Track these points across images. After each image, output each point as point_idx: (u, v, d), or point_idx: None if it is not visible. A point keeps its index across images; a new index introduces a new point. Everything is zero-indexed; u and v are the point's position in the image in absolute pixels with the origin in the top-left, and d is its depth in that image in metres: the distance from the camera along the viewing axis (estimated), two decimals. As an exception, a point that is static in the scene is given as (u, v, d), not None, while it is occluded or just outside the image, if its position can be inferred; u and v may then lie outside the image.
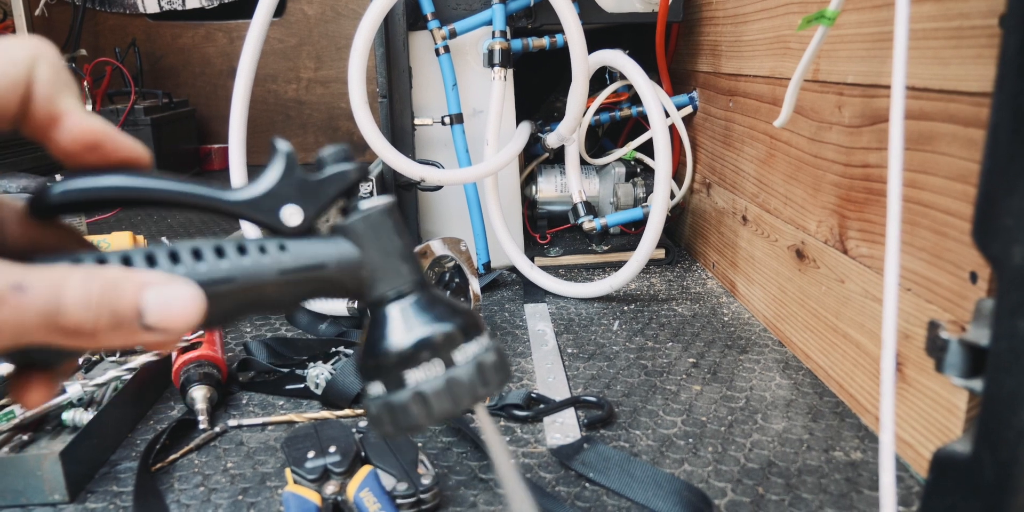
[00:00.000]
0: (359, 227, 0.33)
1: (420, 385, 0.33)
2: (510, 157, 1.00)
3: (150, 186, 0.30)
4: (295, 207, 0.32)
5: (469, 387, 0.33)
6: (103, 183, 0.29)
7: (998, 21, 0.50)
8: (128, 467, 0.65)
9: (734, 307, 1.01)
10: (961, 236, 0.55)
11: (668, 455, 0.65)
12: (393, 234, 0.34)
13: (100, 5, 2.27)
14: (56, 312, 0.25)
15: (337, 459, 0.60)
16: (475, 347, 0.34)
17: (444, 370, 0.33)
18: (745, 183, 1.01)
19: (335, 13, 2.34)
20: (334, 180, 0.33)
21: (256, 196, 0.31)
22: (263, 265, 0.30)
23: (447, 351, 0.33)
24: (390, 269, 0.33)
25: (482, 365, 0.34)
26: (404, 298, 0.34)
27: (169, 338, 0.27)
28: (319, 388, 0.75)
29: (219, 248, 0.30)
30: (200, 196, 0.30)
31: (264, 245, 0.31)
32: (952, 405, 0.56)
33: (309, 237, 0.32)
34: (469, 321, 0.34)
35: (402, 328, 0.33)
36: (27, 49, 0.27)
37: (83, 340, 0.26)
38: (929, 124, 0.59)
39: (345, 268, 0.32)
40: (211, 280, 0.29)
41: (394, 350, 0.33)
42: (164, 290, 0.27)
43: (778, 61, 0.89)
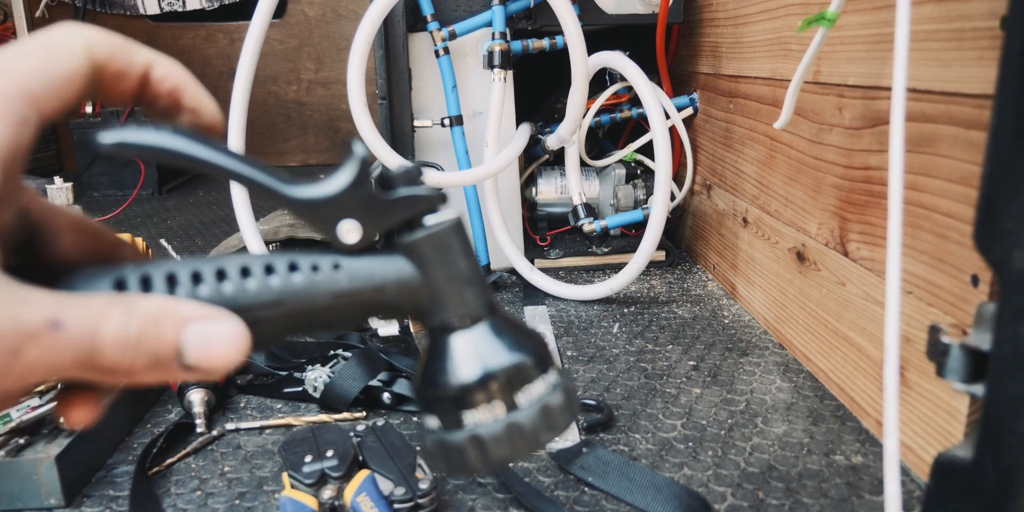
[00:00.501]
0: (423, 246, 0.30)
1: (478, 428, 0.30)
2: (510, 159, 1.00)
3: (207, 158, 0.27)
4: (354, 223, 0.29)
5: (531, 433, 0.30)
6: (162, 143, 0.27)
7: (999, 23, 0.50)
8: (125, 471, 0.65)
9: (734, 309, 1.01)
10: (962, 239, 0.55)
11: (668, 459, 0.65)
12: (459, 255, 0.31)
13: (100, 6, 2.27)
14: (92, 352, 0.24)
15: (335, 463, 0.59)
16: (541, 387, 0.31)
17: (505, 413, 0.30)
18: (746, 185, 1.01)
19: (336, 14, 2.34)
20: (406, 204, 0.30)
21: (317, 199, 0.29)
22: (316, 286, 0.28)
23: (510, 391, 0.30)
24: (454, 294, 0.31)
25: (547, 408, 0.31)
26: (467, 327, 0.31)
27: (210, 377, 0.26)
28: (317, 391, 0.74)
29: (269, 265, 0.28)
30: (259, 183, 0.28)
31: (317, 263, 0.29)
32: (954, 409, 0.55)
33: (365, 255, 0.30)
34: (536, 355, 0.31)
35: (462, 361, 0.31)
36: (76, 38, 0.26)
37: (120, 378, 0.25)
38: (930, 126, 0.58)
39: (404, 291, 0.30)
40: (259, 303, 0.27)
41: (453, 385, 0.30)
42: (206, 327, 0.25)
43: (779, 63, 0.88)
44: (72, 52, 0.26)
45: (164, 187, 1.98)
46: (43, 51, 0.25)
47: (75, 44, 0.26)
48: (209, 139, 0.28)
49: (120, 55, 0.27)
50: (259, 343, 0.28)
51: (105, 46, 0.27)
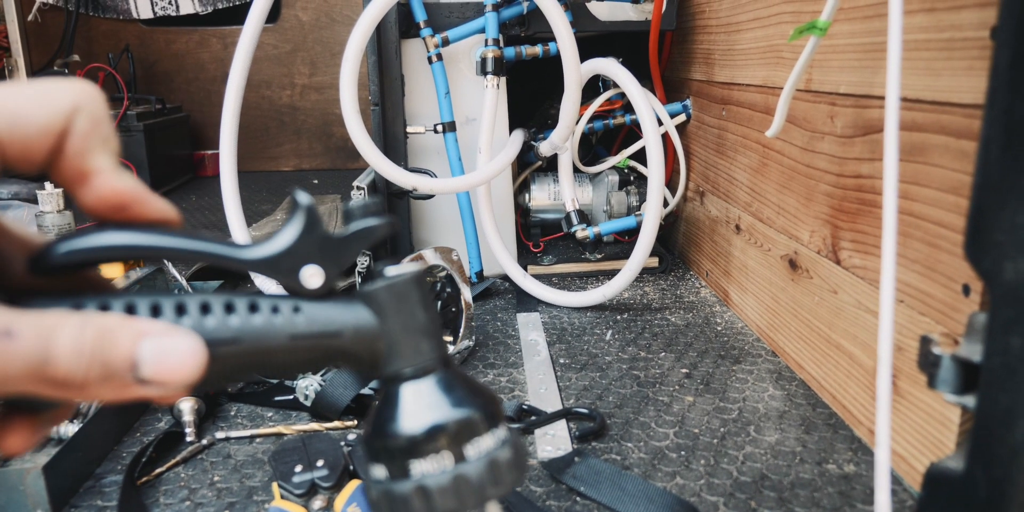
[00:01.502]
0: (382, 296, 0.31)
1: (425, 479, 0.30)
2: (503, 166, 1.00)
3: (161, 244, 0.28)
4: (316, 268, 0.30)
5: (477, 487, 0.30)
6: (111, 241, 0.27)
7: (989, 33, 0.50)
8: (113, 481, 0.64)
9: (727, 316, 1.01)
10: (954, 248, 0.55)
11: (660, 468, 0.65)
12: (417, 306, 0.31)
13: (93, 10, 2.26)
14: (44, 361, 0.23)
15: (325, 473, 0.59)
16: (490, 441, 0.31)
17: (453, 465, 0.30)
18: (738, 192, 1.01)
19: (329, 19, 2.34)
20: (359, 237, 0.30)
21: (274, 255, 0.29)
22: (274, 327, 0.28)
23: (458, 444, 0.30)
24: (409, 345, 0.31)
25: (495, 463, 0.31)
26: (420, 378, 0.31)
27: (166, 393, 0.26)
28: (308, 399, 0.74)
29: (229, 304, 0.28)
30: (214, 255, 0.29)
31: (277, 305, 0.29)
32: (945, 418, 0.55)
33: (326, 300, 0.30)
34: (486, 411, 0.31)
35: (413, 412, 0.31)
36: (71, 96, 0.26)
37: (72, 392, 0.24)
38: (921, 135, 0.58)
39: (361, 339, 0.30)
40: (216, 339, 0.27)
41: (402, 435, 0.30)
42: (162, 341, 0.25)
43: (771, 70, 0.89)
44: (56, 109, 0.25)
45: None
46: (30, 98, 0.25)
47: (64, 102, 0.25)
48: (154, 228, 0.28)
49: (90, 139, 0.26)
50: (213, 380, 0.28)
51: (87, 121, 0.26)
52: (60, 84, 0.26)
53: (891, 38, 0.47)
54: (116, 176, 0.27)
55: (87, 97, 0.26)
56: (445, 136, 1.08)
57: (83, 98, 0.26)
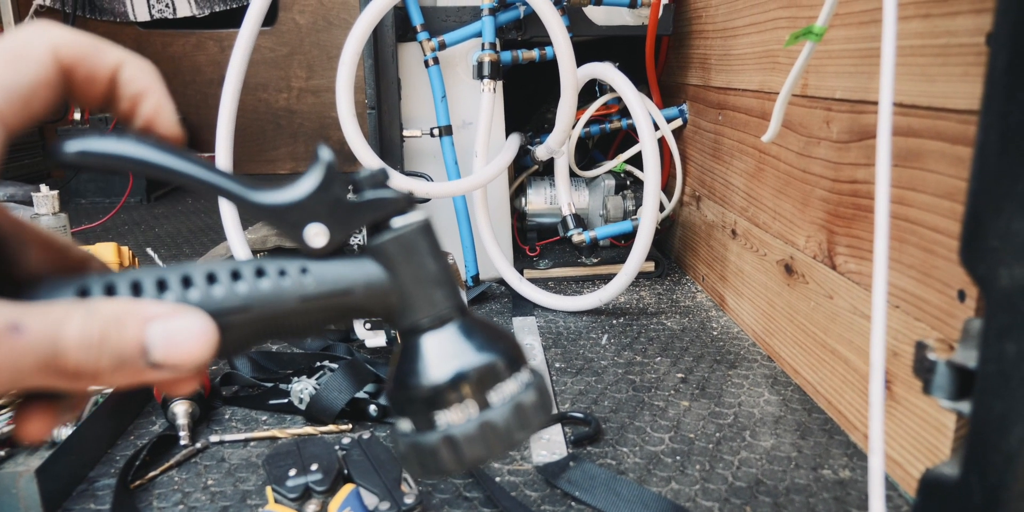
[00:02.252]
0: (390, 248, 0.30)
1: (451, 429, 0.30)
2: (499, 170, 1.00)
3: (174, 166, 0.27)
4: (321, 227, 0.29)
5: (504, 432, 0.30)
6: (125, 150, 0.26)
7: (984, 39, 0.50)
8: (107, 484, 0.64)
9: (723, 321, 1.01)
10: (949, 254, 0.55)
11: (655, 473, 0.65)
12: (428, 256, 0.31)
13: (90, 13, 2.26)
14: (55, 354, 0.23)
15: (319, 477, 0.59)
16: (513, 385, 0.31)
17: (478, 412, 0.30)
18: (734, 197, 1.01)
19: (327, 22, 2.34)
20: (372, 207, 0.30)
21: (283, 204, 0.29)
22: (283, 291, 0.28)
23: (482, 391, 0.30)
24: (423, 295, 0.30)
25: (520, 406, 0.30)
26: (437, 328, 0.31)
27: (180, 375, 0.25)
28: (303, 403, 0.74)
29: (235, 271, 0.28)
30: (223, 188, 0.28)
31: (284, 268, 0.28)
32: (940, 424, 0.55)
33: (333, 258, 0.30)
34: (507, 355, 0.31)
35: (433, 362, 0.30)
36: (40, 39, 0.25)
37: (86, 382, 0.24)
38: (917, 141, 0.58)
39: (373, 294, 0.30)
40: (226, 309, 0.27)
41: (424, 386, 0.30)
42: (170, 323, 0.25)
43: (767, 75, 0.89)
44: (37, 59, 0.25)
45: (152, 195, 1.97)
46: (6, 62, 0.24)
47: (40, 50, 0.25)
48: (174, 147, 0.27)
49: (89, 57, 0.26)
50: (227, 350, 0.27)
51: (73, 48, 0.26)
52: (23, 35, 0.25)
53: (885, 43, 0.47)
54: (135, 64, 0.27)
55: (56, 33, 0.26)
56: (441, 140, 1.08)
57: (54, 36, 0.26)
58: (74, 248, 0.30)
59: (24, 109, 0.24)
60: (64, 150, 0.26)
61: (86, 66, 0.26)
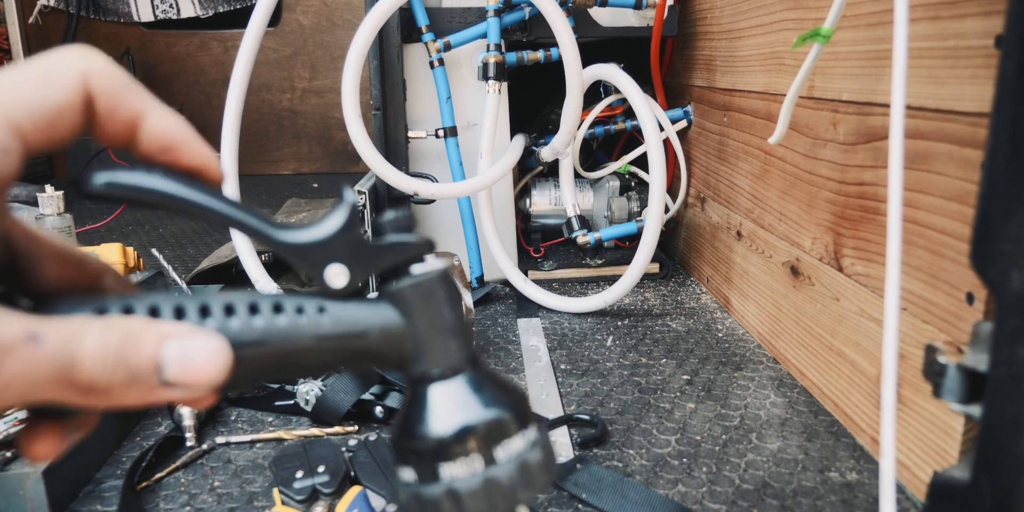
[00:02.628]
0: (408, 295, 0.30)
1: (455, 483, 0.29)
2: (504, 171, 1.00)
3: (199, 200, 0.27)
4: (342, 268, 0.29)
5: (508, 490, 0.30)
6: (151, 184, 0.27)
7: (994, 42, 0.50)
8: (113, 486, 0.64)
9: (728, 323, 1.01)
10: (957, 256, 0.55)
11: (662, 475, 0.64)
12: (444, 305, 0.31)
13: (94, 13, 2.26)
14: (70, 366, 0.23)
15: (326, 479, 0.59)
16: (520, 443, 0.31)
17: (483, 468, 0.30)
18: (740, 198, 1.01)
19: (330, 23, 2.34)
20: (394, 251, 0.30)
21: (307, 243, 0.29)
22: (300, 328, 0.28)
23: (488, 446, 0.30)
24: (437, 344, 0.30)
25: (525, 465, 0.30)
26: (448, 379, 0.31)
27: (192, 395, 0.25)
28: (309, 405, 0.74)
29: (253, 305, 0.28)
30: (248, 225, 0.28)
31: (302, 305, 0.29)
32: (949, 427, 0.55)
33: (351, 300, 0.30)
34: (516, 411, 0.31)
35: (442, 413, 0.30)
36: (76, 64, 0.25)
37: (97, 398, 0.24)
38: (925, 143, 0.58)
39: (388, 339, 0.30)
40: (241, 341, 0.27)
41: (431, 437, 0.30)
42: (186, 342, 0.25)
43: (773, 77, 0.89)
44: (67, 84, 0.25)
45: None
46: (37, 78, 0.24)
47: (72, 74, 0.25)
48: (200, 183, 0.28)
49: (115, 94, 0.26)
50: (237, 383, 0.27)
51: (104, 80, 0.26)
52: (59, 56, 0.25)
53: (896, 46, 0.47)
54: (162, 115, 0.27)
55: (91, 59, 0.26)
56: (446, 141, 1.08)
57: (89, 64, 0.25)
58: (89, 260, 0.30)
59: (48, 129, 0.24)
60: (93, 182, 0.26)
61: (109, 102, 0.26)
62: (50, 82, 0.25)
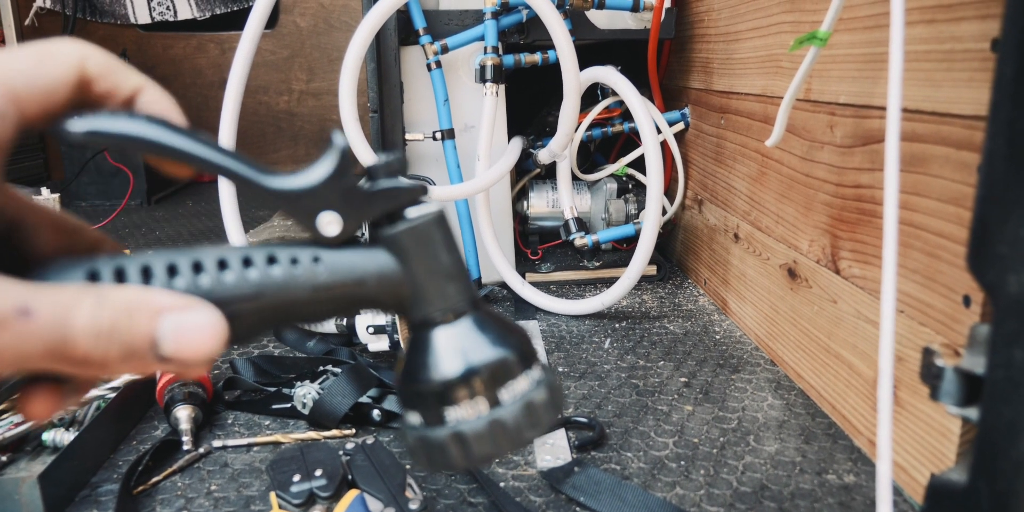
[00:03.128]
0: (404, 240, 0.30)
1: (460, 425, 0.30)
2: (502, 173, 1.00)
3: (186, 148, 0.27)
4: (335, 215, 0.29)
5: (514, 430, 0.30)
6: (136, 131, 0.26)
7: (990, 45, 0.50)
8: (109, 490, 0.64)
9: (726, 325, 1.01)
10: (954, 259, 0.55)
11: (660, 478, 0.64)
12: (441, 249, 0.30)
13: (91, 15, 2.26)
14: (63, 341, 0.23)
15: (323, 483, 0.58)
16: (524, 383, 0.30)
17: (488, 410, 0.30)
18: (737, 200, 1.01)
19: (328, 25, 2.34)
20: (387, 196, 0.30)
21: (296, 190, 0.28)
22: (296, 279, 0.28)
23: (493, 387, 0.30)
24: (436, 288, 0.30)
25: (530, 405, 0.30)
26: (449, 322, 0.30)
27: (187, 368, 0.26)
28: (306, 408, 0.73)
29: (247, 258, 0.27)
30: (235, 172, 0.28)
31: (296, 256, 0.28)
32: (946, 429, 0.55)
33: (346, 248, 0.29)
34: (519, 351, 0.31)
35: (444, 356, 0.30)
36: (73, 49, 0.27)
37: (93, 369, 0.24)
38: (921, 146, 0.58)
39: (386, 285, 0.29)
40: (237, 296, 0.27)
41: (435, 380, 0.30)
42: (181, 317, 0.25)
43: (770, 79, 0.89)
44: (64, 61, 0.26)
45: (153, 197, 1.97)
46: (35, 55, 0.25)
47: (69, 54, 0.26)
48: (185, 129, 0.27)
49: (111, 75, 0.27)
50: (237, 337, 0.27)
51: (99, 63, 0.27)
52: (57, 43, 0.26)
53: (893, 49, 0.47)
54: (156, 88, 0.28)
55: (87, 48, 0.27)
56: (444, 143, 1.08)
57: (84, 49, 0.27)
58: (86, 230, 0.30)
59: (44, 100, 0.25)
60: (71, 129, 0.26)
61: (107, 82, 0.27)
62: (48, 59, 0.26)
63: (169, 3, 2.24)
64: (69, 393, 0.28)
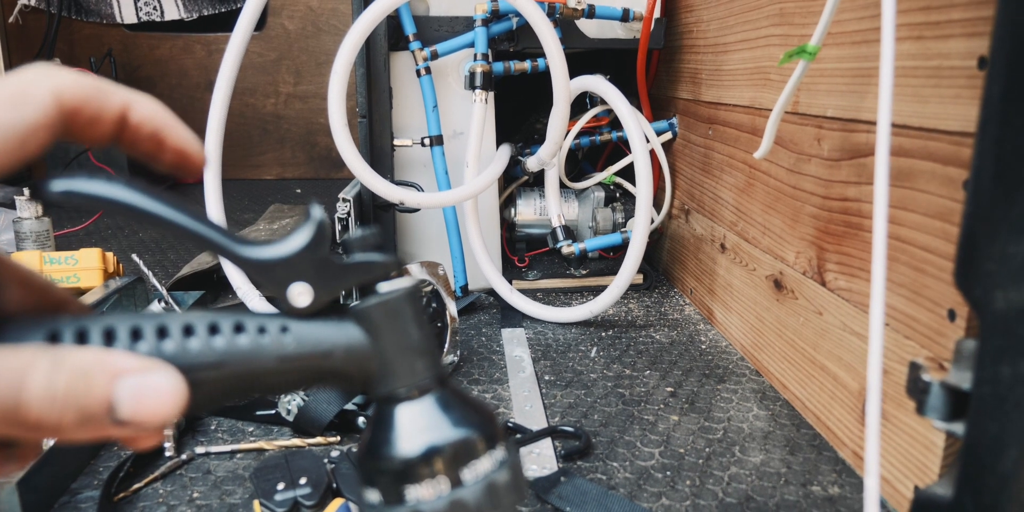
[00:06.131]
0: (374, 313, 0.30)
1: (420, 505, 0.29)
2: (490, 181, 1.00)
3: (162, 214, 0.27)
4: (306, 286, 0.29)
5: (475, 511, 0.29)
6: (113, 194, 0.26)
7: (977, 63, 0.51)
8: (89, 496, 0.63)
9: (711, 335, 1.01)
10: (939, 273, 0.55)
11: (646, 488, 0.64)
12: (411, 324, 0.30)
13: (76, 14, 2.24)
14: (16, 405, 0.22)
15: (308, 491, 0.58)
16: (487, 463, 0.30)
17: (449, 490, 0.29)
18: (724, 211, 1.02)
19: (316, 28, 2.34)
20: (360, 270, 0.30)
21: (270, 260, 0.28)
22: (261, 349, 0.28)
23: (455, 467, 0.30)
24: (403, 364, 0.30)
25: (492, 486, 0.30)
26: (415, 399, 0.30)
27: (145, 432, 0.25)
28: (291, 415, 0.73)
29: (214, 325, 0.27)
30: (211, 240, 0.28)
31: (264, 325, 0.28)
32: (930, 442, 0.56)
33: (315, 319, 0.29)
34: (484, 431, 0.31)
35: (407, 434, 0.30)
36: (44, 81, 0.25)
37: (45, 434, 0.23)
38: (908, 161, 0.59)
39: (353, 358, 0.29)
40: (200, 364, 0.26)
41: (396, 458, 0.29)
42: (140, 380, 0.24)
43: (758, 92, 0.90)
44: (38, 102, 0.25)
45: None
46: (6, 102, 0.24)
47: (42, 92, 0.25)
48: (162, 195, 0.27)
49: (94, 99, 0.26)
50: (198, 405, 0.27)
51: (77, 91, 0.26)
52: (26, 76, 0.25)
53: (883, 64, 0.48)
54: (145, 102, 0.27)
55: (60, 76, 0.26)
56: (432, 149, 1.08)
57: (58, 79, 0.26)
58: (54, 289, 0.29)
59: (19, 150, 0.24)
60: (50, 189, 0.26)
61: (91, 108, 0.26)
62: (21, 103, 0.24)
63: (156, 3, 2.23)
64: (12, 458, 0.27)
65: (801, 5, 0.79)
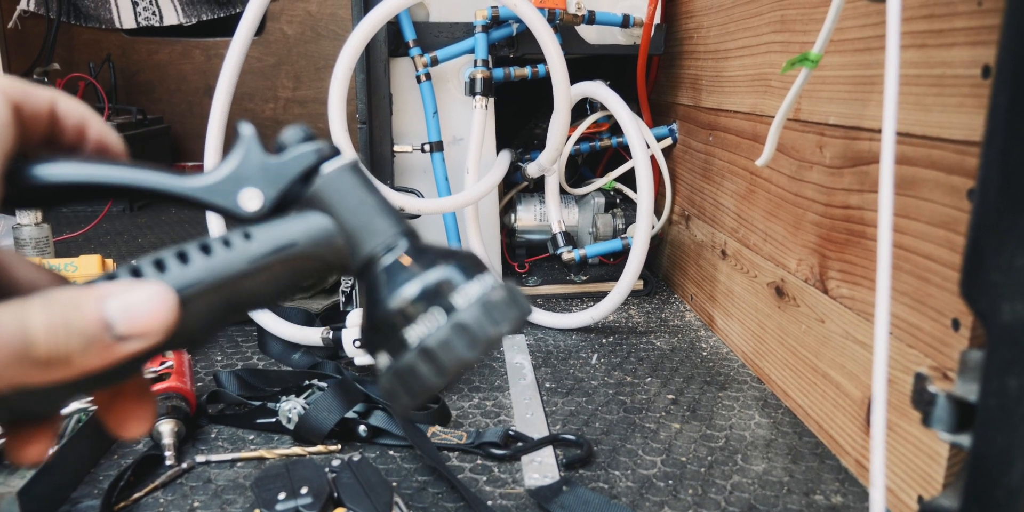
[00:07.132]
0: (324, 192, 0.30)
1: (424, 340, 0.29)
2: (490, 187, 1.00)
3: (104, 175, 0.28)
4: (253, 191, 0.30)
5: (478, 329, 0.29)
6: (54, 173, 0.28)
7: (981, 72, 0.51)
8: (90, 505, 0.62)
9: (712, 341, 1.01)
10: (943, 282, 0.55)
11: (648, 498, 0.64)
12: (361, 191, 0.31)
13: (75, 19, 2.24)
14: (26, 344, 0.24)
15: (309, 501, 0.58)
16: (477, 287, 0.30)
17: (446, 317, 0.29)
18: (725, 217, 1.02)
19: (315, 33, 2.34)
20: (296, 161, 0.31)
21: (214, 181, 0.30)
22: (232, 257, 0.29)
23: (446, 296, 0.29)
24: (367, 228, 0.30)
25: (489, 303, 0.29)
26: (387, 253, 0.30)
27: (152, 342, 0.26)
28: (291, 423, 0.73)
29: (182, 253, 0.28)
30: (156, 184, 0.29)
31: (228, 239, 0.29)
32: (934, 452, 0.56)
33: (272, 218, 0.30)
34: (466, 262, 0.30)
35: (392, 286, 0.30)
36: None
37: (62, 369, 0.25)
38: (911, 169, 0.59)
39: (318, 240, 0.30)
40: (180, 285, 0.27)
41: (388, 310, 0.29)
42: (126, 297, 0.26)
43: (759, 98, 0.90)
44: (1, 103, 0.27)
45: (135, 204, 1.95)
46: None
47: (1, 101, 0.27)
48: (93, 158, 0.29)
49: (29, 96, 0.28)
50: (196, 327, 0.28)
51: (16, 90, 0.28)
52: None
53: (888, 73, 0.48)
54: (67, 97, 0.30)
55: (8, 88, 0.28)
56: (432, 156, 1.08)
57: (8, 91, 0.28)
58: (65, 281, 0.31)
59: None
60: None
61: (29, 105, 0.28)
62: None
63: (155, 8, 2.23)
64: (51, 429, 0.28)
65: (802, 12, 0.79)
